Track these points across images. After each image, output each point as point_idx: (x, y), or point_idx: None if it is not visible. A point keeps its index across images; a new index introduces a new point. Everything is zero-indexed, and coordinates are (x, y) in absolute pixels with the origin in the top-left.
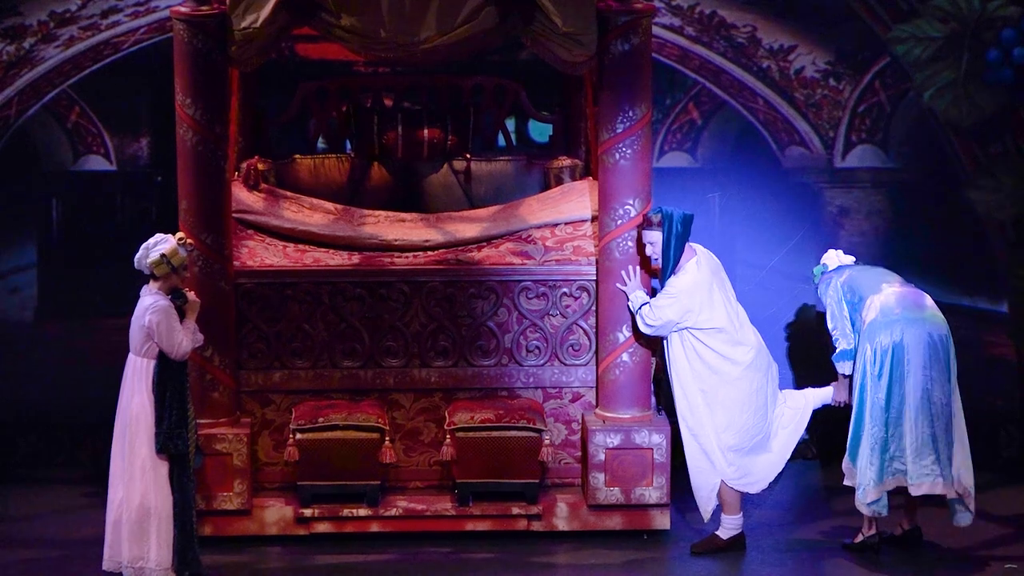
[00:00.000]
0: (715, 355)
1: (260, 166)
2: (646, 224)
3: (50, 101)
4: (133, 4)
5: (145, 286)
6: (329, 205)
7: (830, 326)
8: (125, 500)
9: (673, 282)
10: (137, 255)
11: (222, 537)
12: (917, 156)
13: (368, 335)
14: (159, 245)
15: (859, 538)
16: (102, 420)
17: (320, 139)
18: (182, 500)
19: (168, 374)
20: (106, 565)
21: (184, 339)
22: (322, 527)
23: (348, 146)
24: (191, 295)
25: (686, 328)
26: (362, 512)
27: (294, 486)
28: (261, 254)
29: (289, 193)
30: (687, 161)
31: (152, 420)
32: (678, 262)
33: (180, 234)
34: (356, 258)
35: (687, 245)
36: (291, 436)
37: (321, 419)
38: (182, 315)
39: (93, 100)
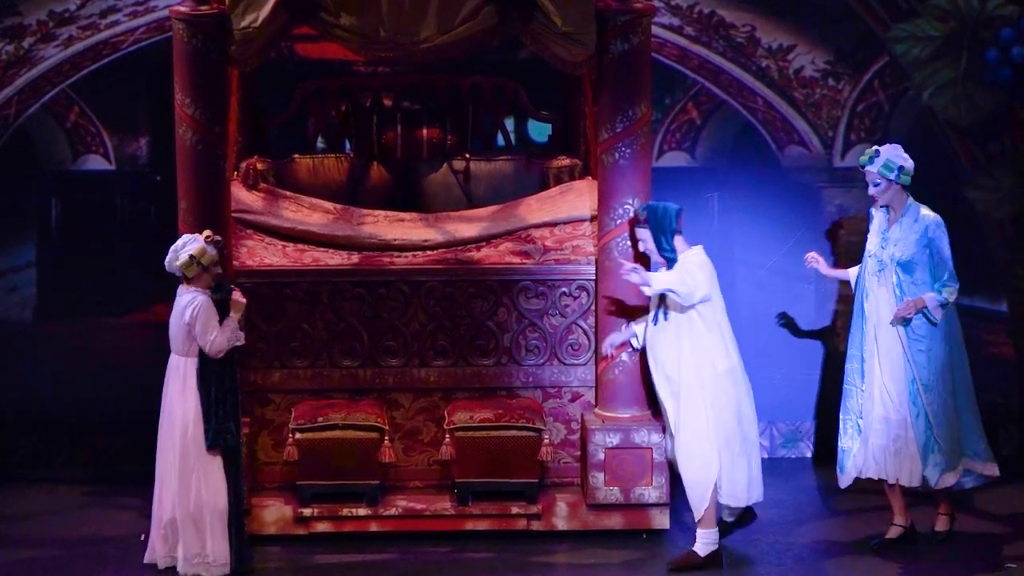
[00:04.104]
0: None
1: (259, 166)
2: (635, 223)
3: (49, 101)
4: (132, 4)
5: (181, 286)
6: (328, 205)
7: (949, 266)
8: (178, 498)
9: (682, 261)
10: (167, 259)
11: None
12: (916, 156)
13: (367, 335)
14: (187, 247)
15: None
16: (102, 420)
17: (319, 139)
18: (236, 496)
19: (210, 370)
20: (161, 563)
21: (218, 336)
22: (321, 527)
23: (347, 146)
24: (236, 294)
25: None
26: (361, 512)
27: (293, 486)
28: (260, 254)
29: (288, 193)
30: (686, 160)
31: (200, 417)
32: (675, 251)
33: (207, 232)
34: (355, 258)
35: (682, 240)
36: (290, 436)
37: (320, 419)
38: (223, 307)
39: (92, 100)
